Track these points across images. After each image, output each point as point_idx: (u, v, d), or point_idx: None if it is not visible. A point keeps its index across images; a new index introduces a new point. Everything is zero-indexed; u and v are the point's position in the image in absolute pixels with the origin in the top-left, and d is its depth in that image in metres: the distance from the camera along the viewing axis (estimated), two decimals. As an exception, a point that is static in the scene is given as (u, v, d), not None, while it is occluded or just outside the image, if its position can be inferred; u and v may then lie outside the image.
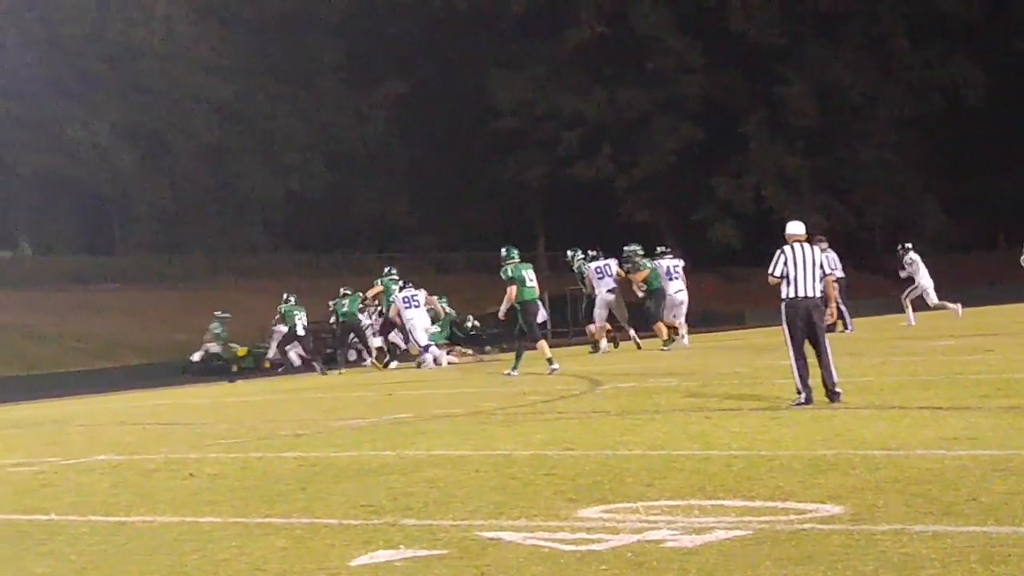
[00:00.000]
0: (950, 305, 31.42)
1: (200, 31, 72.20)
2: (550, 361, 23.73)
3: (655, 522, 6.65)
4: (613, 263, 31.97)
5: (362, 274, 73.26)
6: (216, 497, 8.82)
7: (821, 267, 14.16)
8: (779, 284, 14.00)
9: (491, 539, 6.46)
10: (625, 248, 31.92)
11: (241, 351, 44.78)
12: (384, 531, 6.89)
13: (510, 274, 25.55)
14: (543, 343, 25.03)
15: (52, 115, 66.67)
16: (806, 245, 14.29)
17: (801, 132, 75.76)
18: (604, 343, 31.38)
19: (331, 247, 76.47)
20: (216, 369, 41.96)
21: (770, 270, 14.02)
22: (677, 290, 30.60)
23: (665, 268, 30.93)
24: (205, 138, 72.90)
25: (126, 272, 68.29)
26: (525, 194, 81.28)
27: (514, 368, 23.76)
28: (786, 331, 13.81)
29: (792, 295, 13.77)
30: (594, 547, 6.15)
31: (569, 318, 57.19)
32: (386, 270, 35.67)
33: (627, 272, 31.24)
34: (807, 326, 13.69)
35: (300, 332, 36.11)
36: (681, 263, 31.71)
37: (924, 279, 31.28)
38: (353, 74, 79.34)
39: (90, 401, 32.17)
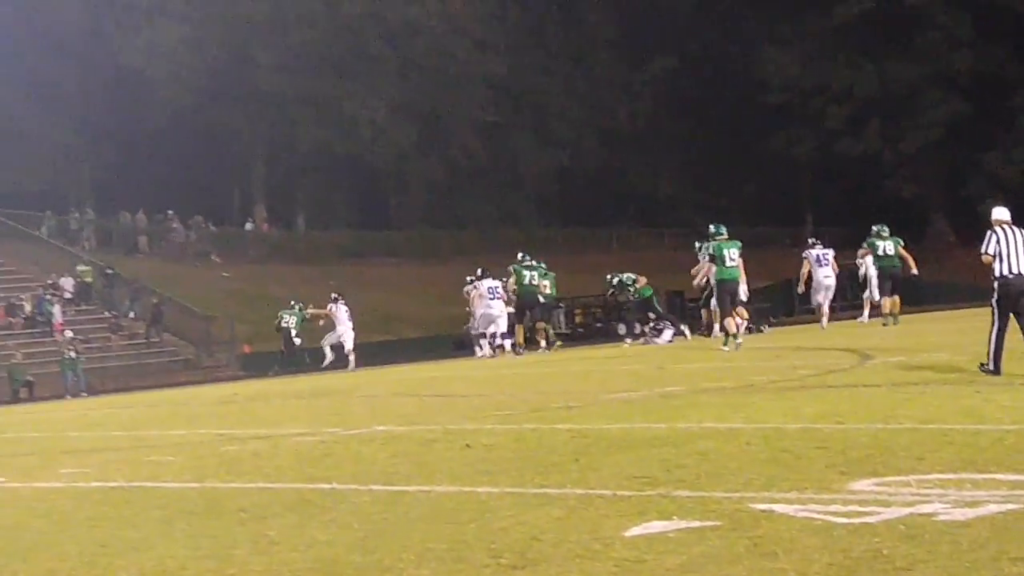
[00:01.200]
0: None
1: (475, 9, 73.11)
2: (734, 337, 24.57)
3: (927, 495, 6.56)
4: (830, 252, 34.44)
5: (631, 249, 73.60)
6: (492, 467, 8.97)
7: None
8: (992, 263, 14.68)
9: (763, 511, 6.44)
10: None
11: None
12: (657, 502, 6.93)
13: (711, 251, 26.24)
14: (730, 321, 25.40)
15: (331, 93, 68.30)
16: (1015, 228, 15.12)
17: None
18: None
19: (601, 222, 76.71)
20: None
21: (983, 249, 14.81)
22: (825, 276, 33.58)
23: (815, 256, 33.86)
24: (479, 115, 73.83)
25: (400, 247, 69.68)
26: (793, 169, 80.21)
27: (725, 344, 24.46)
28: (995, 306, 14.45)
29: (1004, 273, 14.42)
30: (867, 520, 6.10)
31: (838, 293, 56.33)
32: (519, 256, 35.53)
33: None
34: (1015, 304, 14.35)
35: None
36: (831, 252, 34.42)
37: None
38: (625, 50, 79.40)
39: (369, 373, 32.99)
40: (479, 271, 36.31)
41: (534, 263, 35.15)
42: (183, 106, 66.60)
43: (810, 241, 36.30)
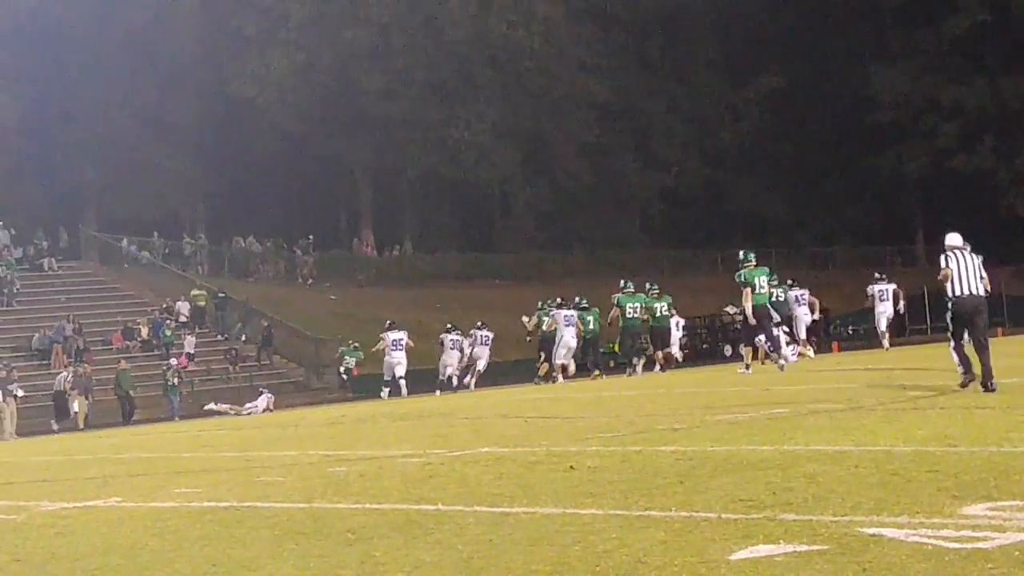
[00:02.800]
0: None
1: (578, 31, 73.32)
2: (747, 366, 26.63)
3: (1044, 521, 6.44)
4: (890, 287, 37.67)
5: (737, 270, 73.18)
6: (596, 489, 8.94)
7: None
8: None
9: (872, 535, 6.36)
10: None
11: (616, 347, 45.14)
12: (763, 525, 6.87)
13: (744, 279, 26.97)
14: (749, 350, 27.52)
15: (436, 117, 68.78)
16: (966, 252, 16.95)
17: None
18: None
19: (706, 242, 76.44)
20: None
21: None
22: (882, 309, 37.09)
23: (876, 291, 37.31)
24: (583, 136, 73.96)
25: (506, 269, 69.87)
26: (903, 188, 79.39)
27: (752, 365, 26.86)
28: (950, 323, 16.60)
29: (957, 293, 16.23)
30: (980, 545, 5.99)
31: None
32: (622, 283, 35.60)
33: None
34: (968, 321, 16.31)
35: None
36: (892, 287, 37.48)
37: None
38: (728, 70, 79.24)
39: (474, 395, 33.08)
40: (387, 322, 39.87)
41: (647, 287, 35.59)
42: (292, 133, 67.56)
43: (875, 276, 38.97)
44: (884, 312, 37.19)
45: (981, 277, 16.74)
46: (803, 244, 77.22)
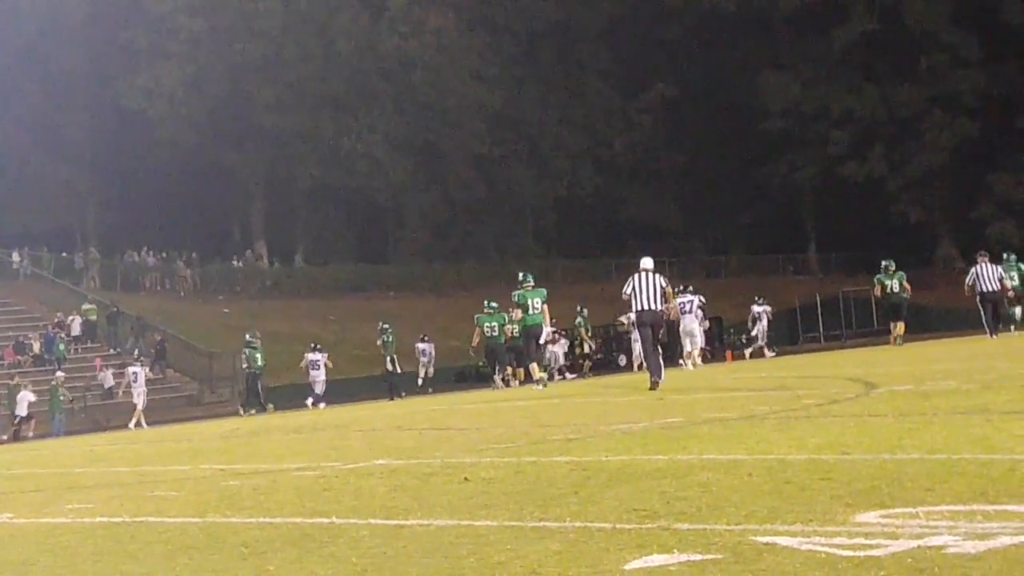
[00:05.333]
0: None
1: (470, 41, 73.44)
2: (539, 381, 28.26)
3: (936, 527, 6.48)
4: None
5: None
6: (491, 501, 8.92)
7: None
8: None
9: (766, 544, 6.38)
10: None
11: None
12: (658, 535, 6.87)
13: (517, 300, 29.12)
14: (535, 366, 28.80)
15: (328, 129, 68.58)
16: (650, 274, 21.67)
17: (1087, 125, 72.92)
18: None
19: (600, 252, 76.79)
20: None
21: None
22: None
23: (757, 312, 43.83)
24: (476, 147, 74.05)
25: (400, 280, 69.79)
26: (795, 195, 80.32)
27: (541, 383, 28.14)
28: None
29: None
30: (873, 553, 6.03)
31: (843, 321, 56.40)
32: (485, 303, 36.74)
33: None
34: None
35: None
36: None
37: None
38: (621, 79, 79.69)
39: (368, 407, 32.97)
40: (310, 343, 42.20)
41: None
42: (184, 145, 67.04)
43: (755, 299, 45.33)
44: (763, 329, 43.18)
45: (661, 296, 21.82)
46: (697, 252, 77.89)
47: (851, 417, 13.44)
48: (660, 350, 22.86)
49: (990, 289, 32.86)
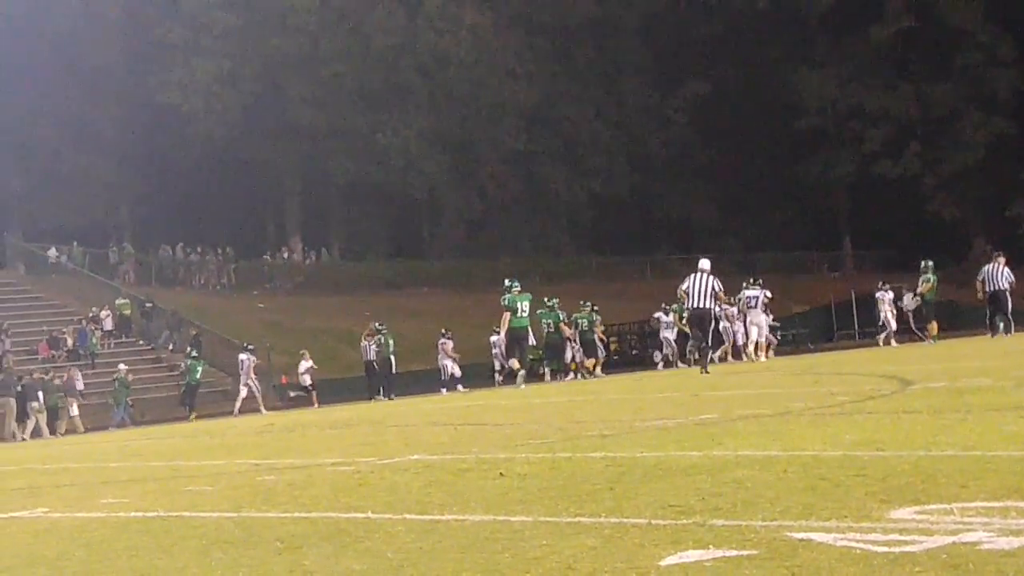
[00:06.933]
0: None
1: (506, 39, 73.39)
2: (522, 377, 29.91)
3: (970, 524, 6.45)
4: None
5: (665, 276, 73.45)
6: (526, 496, 8.91)
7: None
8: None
9: (801, 540, 6.36)
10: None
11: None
12: (693, 531, 6.86)
13: (506, 303, 30.44)
14: (515, 361, 30.48)
15: (363, 124, 68.65)
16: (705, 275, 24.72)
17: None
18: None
19: (635, 249, 76.71)
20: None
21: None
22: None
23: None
24: (511, 144, 74.02)
25: (435, 276, 69.81)
26: (830, 193, 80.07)
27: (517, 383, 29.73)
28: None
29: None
30: (908, 549, 6.00)
31: (878, 319, 56.16)
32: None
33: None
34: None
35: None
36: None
37: None
38: (656, 76, 79.58)
39: (404, 402, 33.01)
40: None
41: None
42: (218, 141, 67.22)
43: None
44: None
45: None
46: (730, 250, 77.64)
47: (885, 414, 13.39)
48: (709, 344, 26.42)
49: (993, 288, 33.18)
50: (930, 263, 37.77)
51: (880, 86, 74.82)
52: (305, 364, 42.59)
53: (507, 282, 31.36)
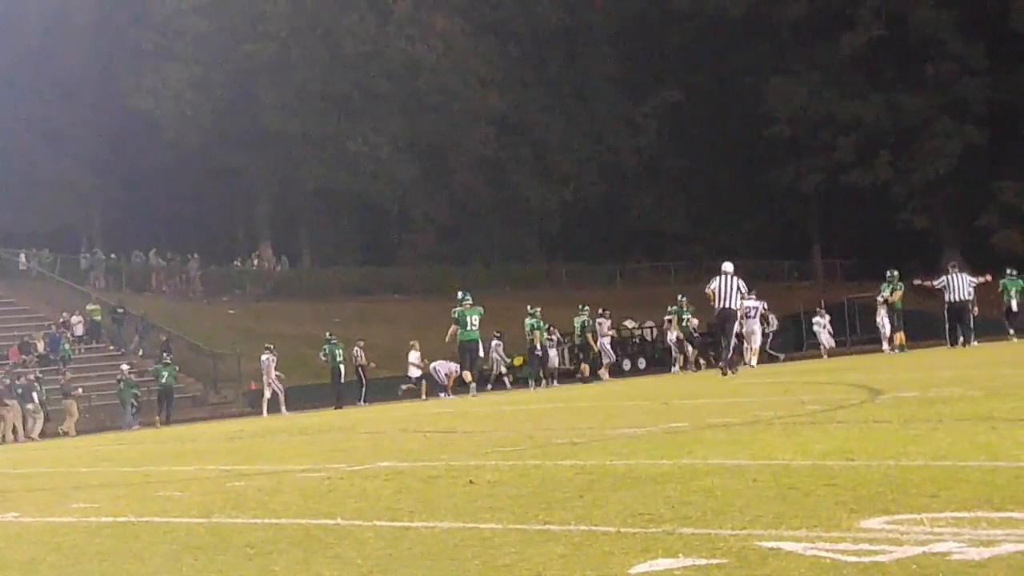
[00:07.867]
0: None
1: (477, 46, 73.43)
2: (474, 387, 32.15)
3: (940, 534, 6.48)
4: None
5: (636, 284, 73.60)
6: (496, 504, 8.92)
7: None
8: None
9: (771, 549, 6.38)
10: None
11: (517, 360, 45.38)
12: (662, 539, 6.88)
13: (455, 316, 32.43)
14: (468, 373, 32.42)
15: (334, 131, 68.62)
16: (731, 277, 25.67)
17: (1093, 134, 72.77)
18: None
19: (605, 257, 76.80)
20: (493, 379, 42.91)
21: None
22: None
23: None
24: (482, 151, 74.06)
25: (405, 283, 69.77)
26: (800, 202, 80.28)
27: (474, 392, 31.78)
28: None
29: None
30: (878, 559, 6.03)
31: (847, 328, 56.31)
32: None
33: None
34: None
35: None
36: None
37: None
38: (627, 84, 79.68)
39: (373, 409, 32.99)
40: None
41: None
42: (189, 146, 67.13)
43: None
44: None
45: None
46: (701, 258, 77.75)
47: (856, 423, 13.43)
48: (737, 342, 28.42)
49: (957, 299, 33.35)
50: (895, 273, 38.09)
51: (851, 95, 74.95)
52: (415, 355, 42.57)
53: (460, 295, 32.94)
